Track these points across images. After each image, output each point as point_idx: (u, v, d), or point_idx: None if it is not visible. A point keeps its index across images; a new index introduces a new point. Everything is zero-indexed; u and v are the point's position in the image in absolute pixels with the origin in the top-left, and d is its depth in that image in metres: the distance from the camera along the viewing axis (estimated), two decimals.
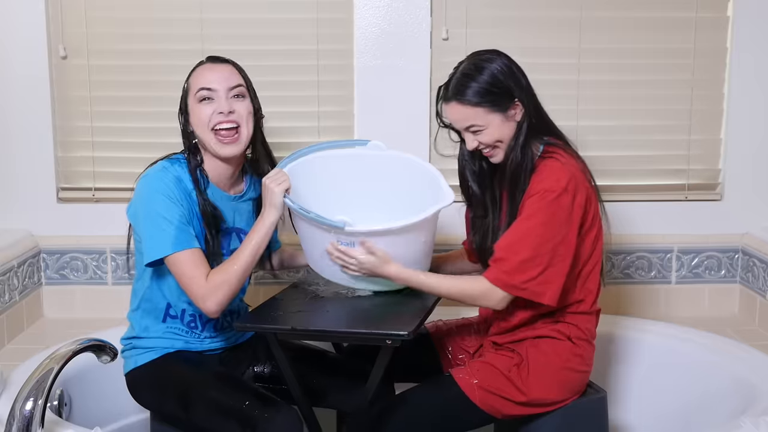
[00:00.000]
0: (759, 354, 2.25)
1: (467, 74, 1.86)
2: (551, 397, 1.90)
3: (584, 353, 1.95)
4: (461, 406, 1.88)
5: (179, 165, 1.93)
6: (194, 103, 1.93)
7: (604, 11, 2.66)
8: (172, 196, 1.85)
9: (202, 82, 1.93)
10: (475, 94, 1.85)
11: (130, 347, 1.98)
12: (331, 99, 2.69)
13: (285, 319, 1.87)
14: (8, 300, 2.47)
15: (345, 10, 2.64)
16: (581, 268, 1.92)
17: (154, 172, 1.90)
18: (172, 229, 1.82)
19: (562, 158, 1.87)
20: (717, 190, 2.77)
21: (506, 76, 1.86)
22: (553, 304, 1.85)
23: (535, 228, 1.81)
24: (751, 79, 2.69)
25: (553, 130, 1.95)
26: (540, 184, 1.83)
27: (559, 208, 1.81)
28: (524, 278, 1.81)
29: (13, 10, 2.59)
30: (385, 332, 1.74)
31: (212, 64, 1.97)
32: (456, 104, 1.88)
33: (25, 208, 2.69)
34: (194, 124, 1.94)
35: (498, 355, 1.96)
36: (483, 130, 1.88)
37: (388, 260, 1.88)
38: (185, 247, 1.82)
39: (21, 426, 1.45)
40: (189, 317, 1.97)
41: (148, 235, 1.84)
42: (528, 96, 1.89)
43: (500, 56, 1.89)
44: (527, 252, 1.81)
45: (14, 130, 2.65)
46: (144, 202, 1.86)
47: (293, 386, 1.86)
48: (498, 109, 1.86)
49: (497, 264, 1.84)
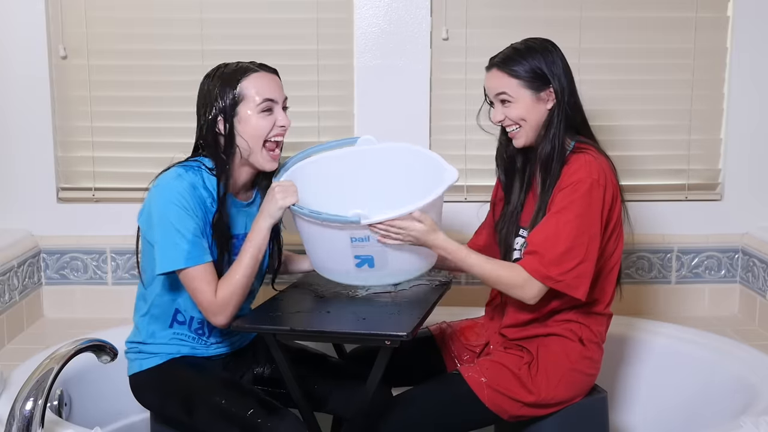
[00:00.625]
0: (759, 354, 2.25)
1: (517, 49, 1.94)
2: (558, 398, 1.90)
3: (594, 356, 1.95)
4: (469, 404, 1.87)
5: (194, 172, 1.86)
6: (254, 113, 1.86)
7: (604, 11, 2.66)
8: (188, 206, 1.80)
9: (267, 93, 1.87)
10: (517, 66, 1.91)
11: (135, 350, 1.97)
12: (331, 99, 2.69)
13: (284, 319, 1.87)
14: (8, 300, 2.47)
15: (345, 10, 2.64)
16: (601, 268, 1.92)
17: (168, 179, 1.83)
18: (185, 243, 1.78)
19: (594, 153, 1.90)
20: (717, 190, 2.77)
21: (551, 64, 1.92)
22: (584, 299, 1.85)
23: (571, 220, 1.82)
24: (750, 79, 2.69)
25: (587, 131, 1.99)
26: (572, 177, 1.85)
27: (593, 201, 1.83)
28: (561, 270, 1.82)
29: (13, 10, 2.59)
30: (384, 333, 1.73)
31: (270, 74, 1.92)
32: (496, 70, 1.94)
33: (25, 208, 2.69)
34: (246, 133, 1.87)
35: (507, 354, 1.95)
36: (512, 103, 1.92)
37: (436, 228, 1.86)
38: (198, 263, 1.80)
39: (21, 426, 1.46)
40: (197, 324, 1.96)
41: (160, 246, 1.81)
42: (567, 91, 1.92)
43: (554, 47, 1.96)
44: (564, 244, 1.81)
45: (14, 130, 2.65)
46: (158, 211, 1.81)
47: (292, 388, 1.86)
48: (532, 87, 1.91)
49: (534, 256, 1.84)
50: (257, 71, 1.89)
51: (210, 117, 1.87)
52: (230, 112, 1.86)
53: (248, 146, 1.88)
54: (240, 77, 1.87)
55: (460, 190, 2.71)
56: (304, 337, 1.96)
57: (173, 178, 1.83)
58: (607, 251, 1.92)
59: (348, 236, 1.88)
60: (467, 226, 2.58)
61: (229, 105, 1.86)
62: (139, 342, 1.96)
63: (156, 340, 1.95)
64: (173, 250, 1.79)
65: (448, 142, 2.66)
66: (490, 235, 2.14)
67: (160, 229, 1.81)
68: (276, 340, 1.81)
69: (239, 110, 1.86)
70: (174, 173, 1.84)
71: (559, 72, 1.92)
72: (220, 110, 1.86)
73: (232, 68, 1.89)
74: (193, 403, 1.85)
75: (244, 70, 1.88)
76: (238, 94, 1.86)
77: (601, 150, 1.96)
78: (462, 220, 2.67)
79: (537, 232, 1.86)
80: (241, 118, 1.87)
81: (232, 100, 1.86)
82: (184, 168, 1.86)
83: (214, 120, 1.87)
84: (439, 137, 2.69)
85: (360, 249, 1.91)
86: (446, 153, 2.65)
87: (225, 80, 1.87)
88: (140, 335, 1.96)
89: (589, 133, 1.99)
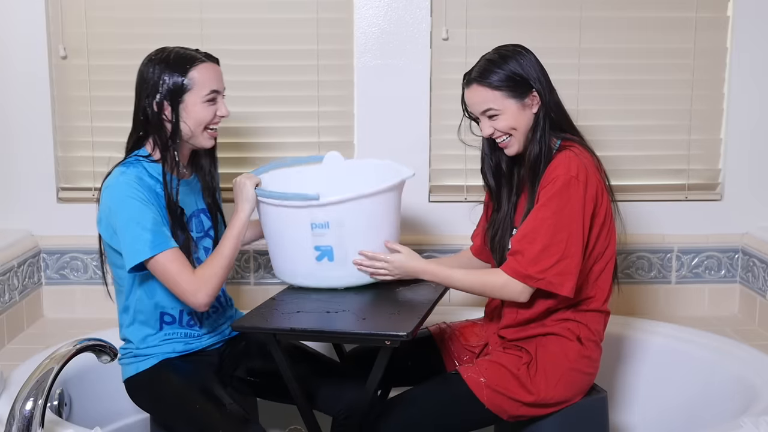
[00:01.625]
0: (759, 354, 2.25)
1: (491, 60, 1.93)
2: (558, 398, 1.90)
3: (592, 355, 1.95)
4: (468, 404, 1.87)
5: (134, 166, 1.91)
6: (198, 101, 1.91)
7: (604, 11, 2.66)
8: (142, 198, 1.84)
9: (213, 84, 1.93)
10: (495, 77, 1.90)
11: (130, 355, 1.97)
12: (331, 99, 2.69)
13: (284, 319, 1.87)
14: (8, 300, 2.47)
15: (345, 10, 2.64)
16: (593, 265, 1.92)
17: (114, 179, 1.88)
18: (147, 233, 1.82)
19: (576, 150, 1.90)
20: (717, 190, 2.76)
21: (527, 67, 1.91)
22: (571, 296, 1.85)
23: (549, 217, 1.83)
24: (750, 79, 2.69)
25: (572, 129, 1.99)
26: (551, 174, 1.86)
27: (571, 197, 1.83)
28: (540, 268, 1.82)
29: (13, 9, 2.59)
30: (384, 333, 1.74)
31: (214, 65, 1.97)
32: (476, 86, 1.93)
33: (25, 208, 2.69)
34: (189, 120, 1.92)
35: (506, 354, 1.95)
36: (499, 116, 1.92)
37: (415, 255, 1.98)
38: (163, 248, 1.82)
39: (21, 426, 1.46)
40: (188, 316, 1.98)
41: (125, 243, 1.84)
42: (547, 90, 1.92)
43: (525, 50, 1.95)
44: (541, 242, 1.82)
45: (14, 130, 2.65)
46: (114, 211, 1.85)
47: (293, 388, 1.86)
48: (515, 95, 1.90)
49: (514, 256, 1.85)
50: (205, 61, 1.94)
51: (156, 102, 1.91)
52: (176, 99, 1.91)
53: (190, 131, 1.94)
54: (189, 66, 1.91)
55: (460, 190, 2.71)
56: (304, 337, 1.97)
57: (118, 176, 1.88)
58: (597, 248, 1.92)
59: (309, 222, 1.94)
60: (467, 226, 2.57)
61: (175, 92, 1.90)
62: (133, 348, 1.97)
63: (149, 343, 1.96)
64: (137, 243, 1.82)
65: (448, 142, 2.66)
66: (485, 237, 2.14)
67: (121, 227, 1.84)
68: (276, 340, 1.81)
69: (186, 98, 1.91)
70: (117, 172, 1.90)
71: (537, 73, 1.92)
72: (165, 96, 1.90)
73: (180, 55, 1.92)
74: (176, 411, 1.89)
75: (192, 59, 1.92)
76: (185, 82, 1.90)
77: (587, 146, 1.95)
78: (462, 220, 2.67)
79: (519, 231, 1.88)
80: (186, 106, 1.91)
81: (180, 87, 1.90)
82: (125, 165, 1.92)
83: (160, 105, 1.91)
84: (439, 137, 2.69)
85: (320, 238, 1.96)
86: (446, 153, 2.69)
87: (172, 67, 1.90)
88: (132, 344, 1.98)
89: (573, 129, 1.98)
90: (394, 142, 2.67)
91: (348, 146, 2.68)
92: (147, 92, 1.92)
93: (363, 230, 1.98)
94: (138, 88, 1.95)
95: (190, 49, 1.96)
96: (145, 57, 1.96)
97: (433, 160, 2.72)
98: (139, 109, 1.94)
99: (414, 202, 2.68)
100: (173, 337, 1.97)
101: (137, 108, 1.96)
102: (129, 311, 1.97)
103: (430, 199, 2.73)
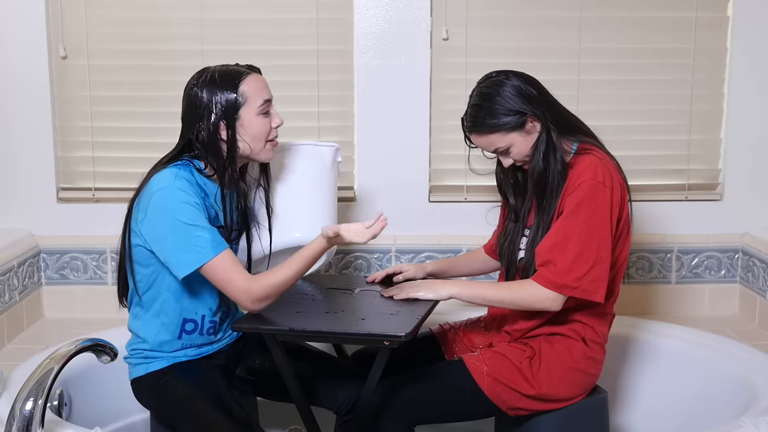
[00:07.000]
0: (759, 354, 2.24)
1: (477, 105, 1.91)
2: (559, 395, 1.91)
3: (596, 356, 1.96)
4: (468, 392, 1.88)
5: (186, 170, 1.86)
6: (253, 115, 1.86)
7: (604, 11, 2.66)
8: (197, 203, 1.81)
9: (264, 94, 1.89)
10: (487, 123, 1.89)
11: (141, 356, 1.95)
12: (331, 99, 2.69)
13: (284, 319, 1.86)
14: (8, 300, 2.47)
15: (345, 10, 2.64)
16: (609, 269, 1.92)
17: (167, 182, 1.81)
18: (206, 233, 1.78)
19: (599, 154, 1.90)
20: (717, 190, 2.76)
21: (513, 97, 1.88)
22: (603, 302, 1.86)
23: (579, 225, 1.82)
24: (750, 79, 2.69)
25: (583, 129, 1.98)
26: (577, 180, 1.86)
27: (599, 203, 1.83)
28: (575, 276, 1.82)
29: (13, 9, 2.59)
30: (382, 333, 1.74)
31: (259, 75, 1.93)
32: (476, 136, 1.94)
33: (25, 208, 2.69)
34: (249, 135, 1.87)
35: (510, 347, 1.96)
36: (510, 149, 1.92)
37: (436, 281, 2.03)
38: (224, 248, 1.80)
39: (21, 426, 1.46)
40: (209, 324, 1.96)
41: (175, 249, 1.78)
42: (543, 106, 1.90)
43: (507, 77, 1.90)
44: (574, 250, 1.81)
45: (14, 130, 2.65)
46: (168, 215, 1.79)
47: (293, 387, 1.86)
48: (514, 128, 1.89)
49: (546, 267, 1.84)
50: (250, 73, 1.90)
51: (212, 123, 1.84)
52: (232, 117, 1.85)
53: (249, 147, 1.88)
54: (237, 81, 1.86)
55: (460, 190, 2.71)
56: (303, 337, 1.97)
57: (172, 179, 1.81)
58: (615, 252, 1.92)
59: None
60: (467, 226, 2.58)
61: (230, 109, 1.84)
62: (146, 349, 1.94)
63: (164, 348, 1.94)
64: (198, 245, 1.77)
65: (448, 141, 2.66)
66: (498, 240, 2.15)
67: (171, 232, 1.78)
68: (276, 340, 1.81)
69: (241, 114, 1.86)
70: (170, 174, 1.83)
71: (523, 98, 1.88)
72: (221, 117, 1.84)
73: (224, 72, 1.87)
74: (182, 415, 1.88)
75: (239, 74, 1.87)
76: (236, 99, 1.85)
77: (604, 148, 1.96)
78: (462, 220, 2.68)
79: (546, 240, 1.86)
80: (243, 122, 1.86)
81: (234, 104, 1.84)
82: (177, 168, 1.85)
83: (216, 127, 1.85)
84: (439, 137, 2.69)
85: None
86: (446, 153, 2.69)
87: (221, 86, 1.85)
88: (147, 343, 1.94)
89: (586, 130, 1.98)
90: (394, 142, 2.67)
91: (348, 146, 2.68)
92: (200, 117, 1.84)
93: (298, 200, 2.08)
94: (188, 115, 1.88)
95: (230, 65, 1.91)
96: (186, 85, 1.89)
97: (433, 160, 2.72)
98: (192, 135, 1.87)
99: (414, 202, 2.68)
100: (189, 345, 1.96)
101: (186, 135, 1.89)
102: (151, 308, 1.92)
103: (430, 199, 2.72)
